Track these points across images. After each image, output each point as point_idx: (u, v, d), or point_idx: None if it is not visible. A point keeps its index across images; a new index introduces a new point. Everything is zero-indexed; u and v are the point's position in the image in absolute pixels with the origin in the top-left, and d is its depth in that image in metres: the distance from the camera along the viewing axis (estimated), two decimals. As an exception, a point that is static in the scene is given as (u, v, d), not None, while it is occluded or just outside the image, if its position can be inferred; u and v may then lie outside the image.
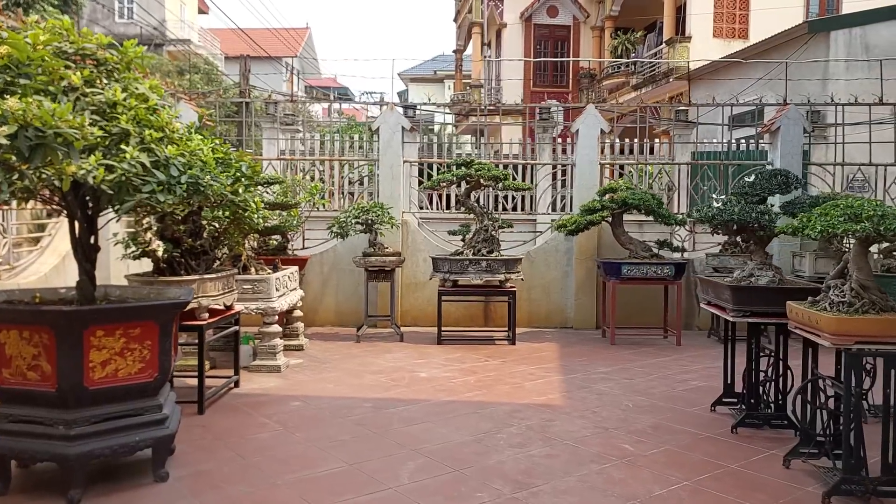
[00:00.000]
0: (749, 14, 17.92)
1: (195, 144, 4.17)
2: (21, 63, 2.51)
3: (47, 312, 3.61)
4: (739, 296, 4.73)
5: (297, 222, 8.22)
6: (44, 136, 2.40)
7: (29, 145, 2.36)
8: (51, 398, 3.63)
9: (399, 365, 6.99)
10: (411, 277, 9.17)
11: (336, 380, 6.37)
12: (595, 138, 9.14)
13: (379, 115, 9.21)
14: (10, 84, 2.52)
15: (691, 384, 6.32)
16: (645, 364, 7.15)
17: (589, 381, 6.39)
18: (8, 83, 2.51)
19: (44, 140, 2.40)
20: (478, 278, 7.97)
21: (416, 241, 9.26)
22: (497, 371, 6.73)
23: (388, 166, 9.17)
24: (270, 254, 8.26)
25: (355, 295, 9.25)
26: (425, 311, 9.29)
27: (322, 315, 9.24)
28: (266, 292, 6.70)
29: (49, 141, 2.43)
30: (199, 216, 5.61)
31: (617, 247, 9.05)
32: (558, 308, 9.31)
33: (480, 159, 8.54)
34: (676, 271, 8.05)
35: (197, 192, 3.90)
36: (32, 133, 2.37)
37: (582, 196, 9.09)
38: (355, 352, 7.67)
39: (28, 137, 2.35)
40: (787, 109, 9.03)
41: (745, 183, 5.08)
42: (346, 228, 8.16)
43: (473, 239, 8.19)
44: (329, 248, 9.30)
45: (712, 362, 7.25)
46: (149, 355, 3.86)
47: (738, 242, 8.44)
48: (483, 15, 24.10)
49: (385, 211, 8.28)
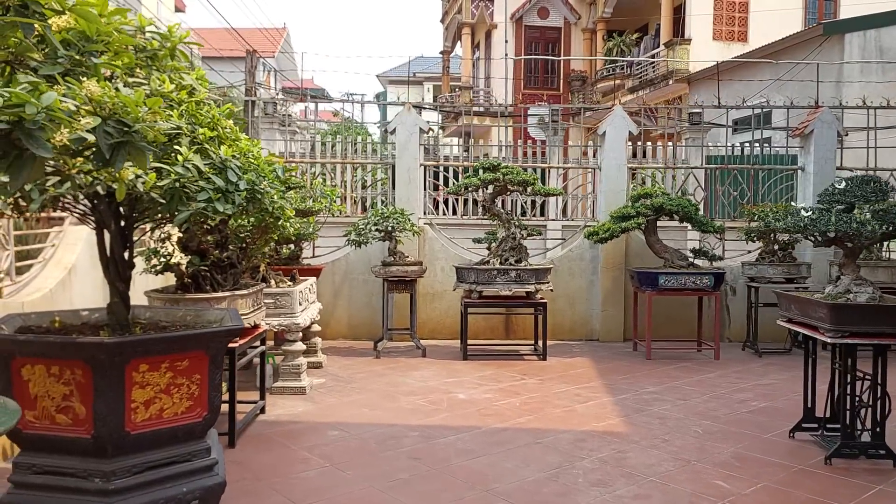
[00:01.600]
0: (748, 17, 17.71)
1: (245, 145, 3.62)
2: (89, 38, 1.96)
3: (83, 345, 3.02)
4: (839, 315, 4.30)
5: (314, 229, 7.65)
6: (129, 130, 1.84)
7: (110, 143, 1.81)
8: (85, 445, 3.05)
9: (431, 385, 6.46)
10: (428, 287, 8.65)
11: (369, 403, 5.83)
12: (623, 141, 8.72)
13: (395, 115, 8.66)
14: (77, 64, 1.96)
15: (751, 405, 5.90)
16: (691, 382, 6.72)
17: (642, 402, 5.93)
18: (76, 63, 1.95)
19: (130, 137, 1.85)
20: (506, 289, 7.48)
21: (433, 249, 8.74)
22: (539, 392, 6.24)
23: (406, 170, 8.64)
24: (283, 263, 7.68)
25: (368, 306, 8.71)
26: (443, 322, 8.77)
27: (334, 328, 8.67)
28: (289, 307, 6.13)
29: (136, 139, 1.88)
30: (226, 225, 5.04)
31: (645, 255, 8.64)
32: (583, 319, 8.85)
33: (507, 163, 8.04)
34: (715, 281, 7.65)
35: (254, 199, 3.35)
36: (114, 127, 1.82)
37: (610, 201, 8.65)
38: (378, 369, 7.12)
39: (108, 133, 1.80)
40: (821, 112, 8.69)
41: (835, 190, 4.65)
42: (364, 236, 7.62)
43: (500, 247, 7.70)
44: (341, 256, 8.74)
45: (760, 378, 6.87)
46: (197, 391, 3.29)
47: (775, 251, 8.08)
48: (473, 15, 23.64)
49: (406, 217, 7.75)
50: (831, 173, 8.71)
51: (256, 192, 3.38)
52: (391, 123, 8.65)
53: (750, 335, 8.19)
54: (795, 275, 7.94)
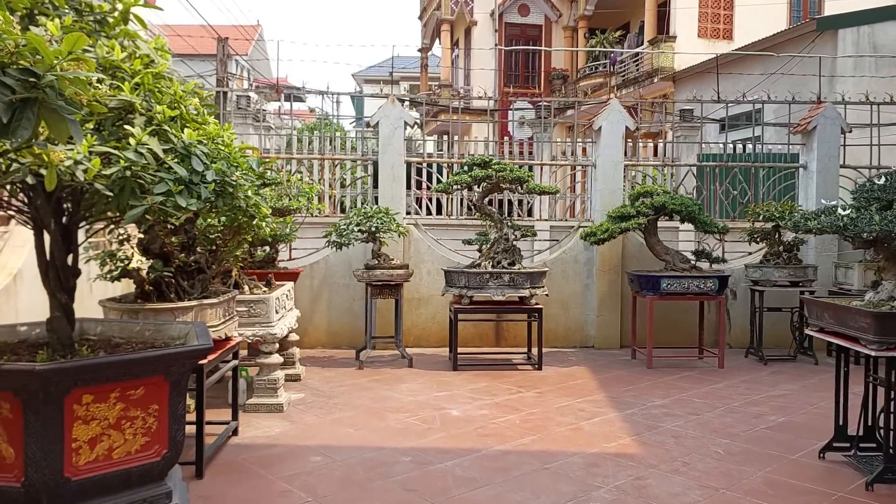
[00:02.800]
0: (733, 14, 17.43)
1: (214, 129, 3.06)
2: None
3: (10, 373, 2.44)
4: (886, 325, 3.85)
5: (292, 230, 7.07)
6: (39, 83, 1.29)
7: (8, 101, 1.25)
8: (15, 496, 2.48)
9: (421, 400, 5.93)
10: (413, 292, 8.11)
11: (354, 422, 5.27)
12: (620, 136, 8.26)
13: (379, 108, 8.11)
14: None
15: (769, 420, 5.44)
16: (699, 393, 6.26)
17: (652, 418, 5.45)
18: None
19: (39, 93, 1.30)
20: (499, 294, 6.97)
21: (419, 251, 8.20)
22: (539, 407, 5.74)
23: (389, 166, 8.09)
24: (257, 267, 7.10)
25: (349, 312, 8.15)
26: (429, 329, 8.24)
27: (312, 335, 8.09)
28: (265, 315, 5.56)
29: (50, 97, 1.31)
30: (193, 225, 4.46)
31: (642, 257, 8.20)
32: (577, 325, 8.37)
33: (499, 160, 7.53)
34: (720, 285, 7.21)
35: (224, 194, 2.80)
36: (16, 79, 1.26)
37: (606, 201, 8.19)
38: (362, 382, 6.57)
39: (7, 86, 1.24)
40: (824, 107, 8.32)
41: (873, 186, 4.21)
42: (346, 237, 7.06)
43: (493, 249, 7.19)
44: (320, 259, 8.17)
45: (771, 389, 6.43)
46: (155, 425, 2.73)
47: (780, 253, 7.67)
48: (452, 12, 23.14)
49: (391, 217, 7.20)
50: (835, 171, 8.35)
51: (227, 185, 2.83)
52: (374, 116, 8.10)
53: (754, 341, 7.76)
54: (802, 278, 7.54)
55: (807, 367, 7.44)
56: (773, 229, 7.64)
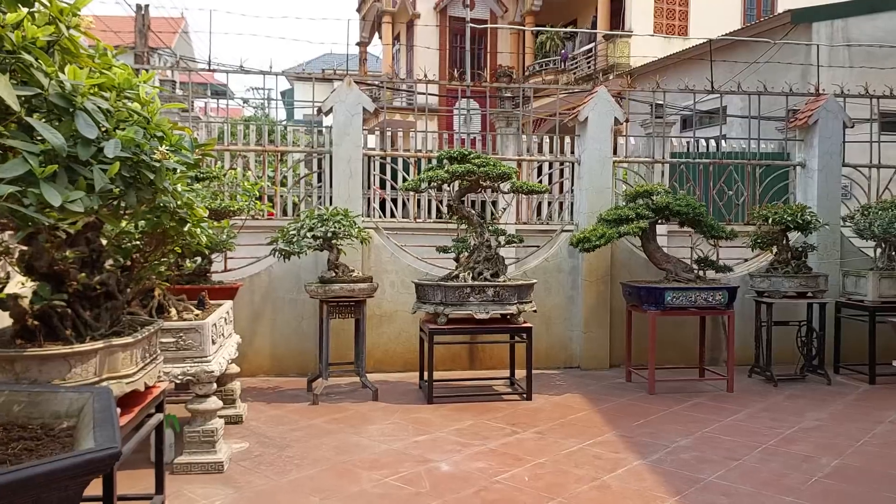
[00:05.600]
0: (689, 10, 16.91)
1: (121, 74, 1.84)
2: None
3: None
4: None
5: (230, 236, 5.80)
6: None
7: None
8: None
9: (398, 448, 4.77)
10: (375, 308, 6.94)
11: (318, 485, 4.08)
12: (608, 129, 7.31)
13: (332, 92, 6.90)
14: None
15: (822, 464, 4.53)
16: (723, 428, 5.33)
17: (685, 466, 4.46)
18: None
19: None
20: (483, 311, 5.89)
21: (381, 260, 7.03)
22: (546, 454, 4.66)
23: (346, 160, 6.89)
24: (186, 282, 5.80)
25: (297, 333, 6.92)
26: (393, 351, 7.09)
27: (253, 361, 6.82)
28: (198, 347, 4.32)
29: None
30: (98, 231, 3.19)
31: (633, 265, 7.29)
32: (561, 343, 7.37)
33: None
34: (729, 297, 6.33)
35: (138, 182, 1.61)
36: None
37: (593, 201, 7.22)
38: (320, 422, 5.36)
39: None
40: (826, 100, 7.58)
41: None
42: (296, 244, 5.83)
43: (472, 258, 6.10)
44: (262, 269, 6.90)
45: (799, 419, 5.57)
46: None
47: (788, 260, 6.86)
48: (394, 4, 21.98)
49: (352, 220, 6.02)
50: (838, 170, 7.63)
51: (143, 169, 1.64)
52: (326, 101, 6.88)
53: (761, 359, 6.93)
54: (813, 288, 6.74)
55: (822, 389, 6.64)
56: (781, 234, 6.83)
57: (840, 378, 7.10)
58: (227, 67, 7.19)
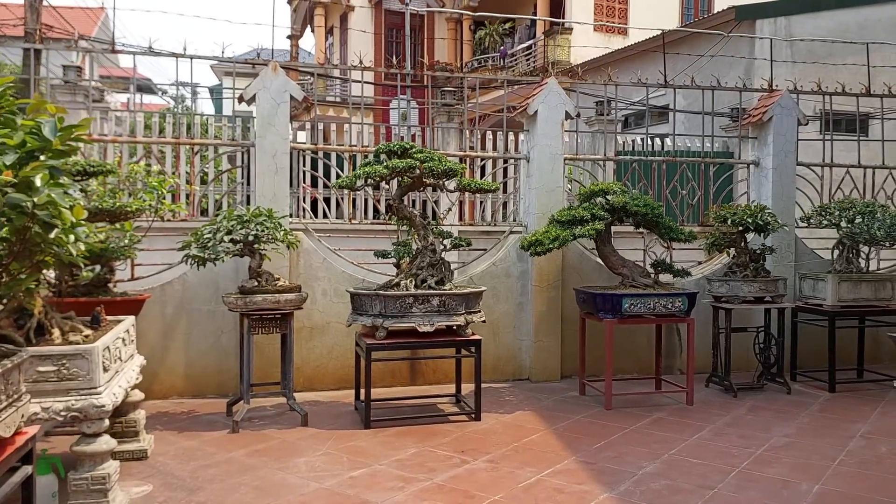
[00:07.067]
0: (628, 9, 16.72)
1: None
2: None
3: None
4: None
5: (132, 241, 5.01)
6: None
7: None
8: None
9: (331, 487, 4.10)
10: (304, 319, 6.24)
11: (233, 542, 3.38)
12: (559, 124, 6.79)
13: (256, 78, 6.16)
14: None
15: (802, 491, 4.09)
16: (690, 449, 4.86)
17: (656, 497, 3.95)
18: None
19: None
20: (427, 324, 5.26)
21: (311, 266, 6.33)
22: (501, 489, 4.08)
23: (270, 154, 6.16)
24: (82, 293, 4.99)
25: (216, 349, 6.16)
26: (325, 367, 6.41)
27: (165, 381, 6.02)
28: (85, 377, 3.57)
29: None
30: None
31: (583, 270, 6.82)
32: (510, 354, 6.83)
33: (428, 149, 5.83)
34: (689, 304, 5.91)
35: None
36: None
37: (543, 201, 6.70)
38: (239, 455, 4.63)
39: None
40: (780, 95, 7.28)
41: None
42: (212, 249, 5.08)
43: (415, 264, 5.47)
44: (175, 278, 6.09)
45: (767, 435, 5.18)
46: None
47: (747, 264, 6.49)
48: (326, -5, 21.15)
49: (277, 222, 5.31)
50: (792, 169, 7.33)
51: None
52: (248, 89, 6.12)
53: (720, 368, 6.54)
54: (773, 292, 6.39)
55: (783, 399, 6.30)
56: (740, 235, 6.47)
57: (798, 386, 6.79)
58: (134, 49, 6.33)
